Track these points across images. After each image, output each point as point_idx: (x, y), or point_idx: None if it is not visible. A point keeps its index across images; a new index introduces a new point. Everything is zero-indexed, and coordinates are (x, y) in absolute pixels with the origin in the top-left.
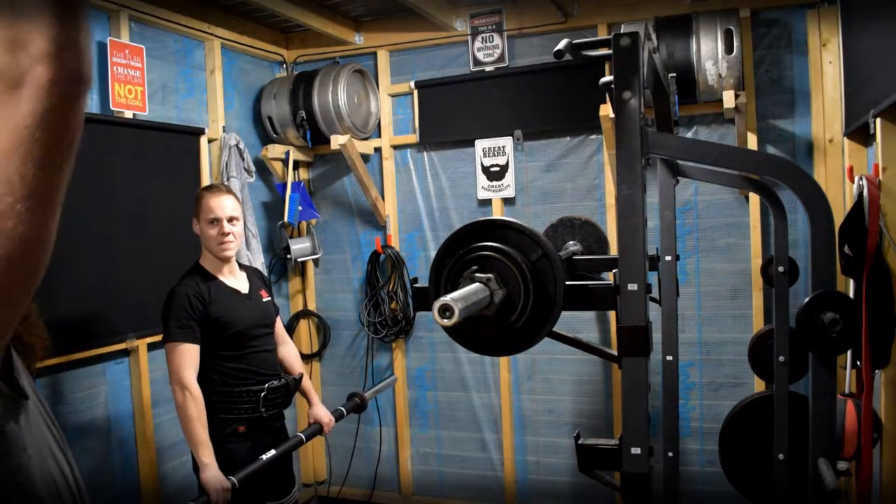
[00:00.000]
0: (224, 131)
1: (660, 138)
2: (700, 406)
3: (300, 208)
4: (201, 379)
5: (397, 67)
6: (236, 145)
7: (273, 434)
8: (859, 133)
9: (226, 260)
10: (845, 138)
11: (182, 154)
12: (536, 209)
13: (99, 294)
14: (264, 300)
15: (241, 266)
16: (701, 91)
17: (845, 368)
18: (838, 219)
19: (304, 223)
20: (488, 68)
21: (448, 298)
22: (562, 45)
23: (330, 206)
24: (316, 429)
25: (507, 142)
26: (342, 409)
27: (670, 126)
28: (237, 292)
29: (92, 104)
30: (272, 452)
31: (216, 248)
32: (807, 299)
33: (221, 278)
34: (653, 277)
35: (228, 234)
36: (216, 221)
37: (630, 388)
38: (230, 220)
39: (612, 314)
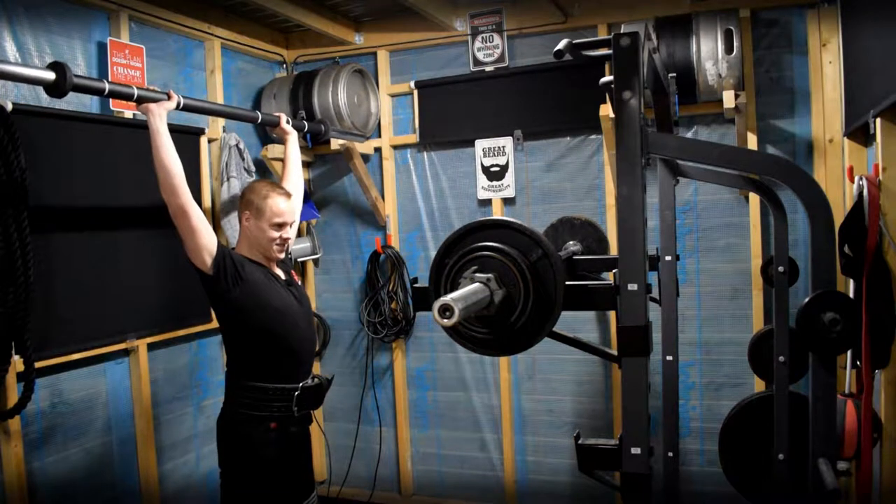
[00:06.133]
0: (224, 131)
1: (660, 138)
2: (700, 406)
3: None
4: (234, 374)
5: (397, 67)
6: (236, 145)
7: (303, 435)
8: (859, 133)
9: (273, 260)
10: (845, 138)
11: (182, 154)
12: (536, 209)
13: (99, 294)
14: (299, 283)
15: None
16: (701, 91)
17: (845, 368)
18: (838, 219)
19: (304, 223)
20: (488, 68)
21: (448, 298)
22: (562, 45)
23: (330, 206)
24: (274, 119)
25: (507, 142)
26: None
27: (670, 126)
28: (278, 277)
29: (92, 104)
30: None
31: (273, 248)
32: (807, 299)
33: (264, 264)
34: (653, 277)
35: (288, 238)
36: (282, 226)
37: (630, 388)
38: (291, 224)
39: (612, 314)
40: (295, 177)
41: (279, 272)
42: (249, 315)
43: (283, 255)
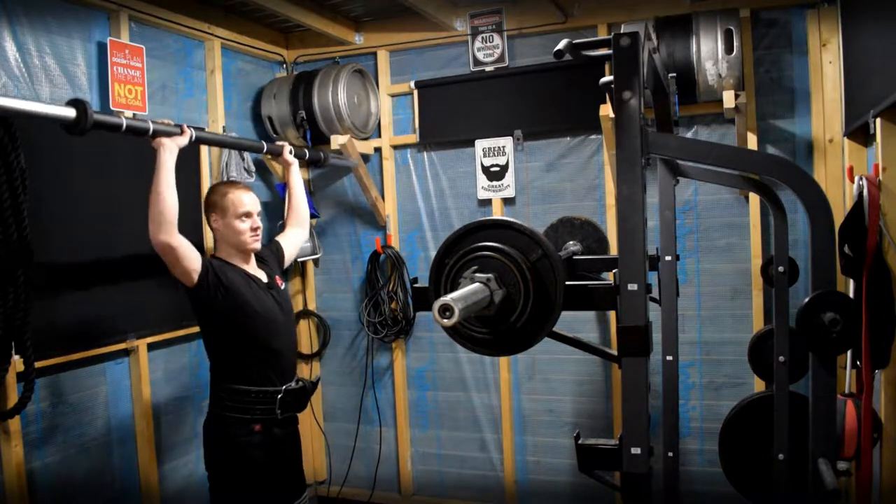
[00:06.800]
0: (224, 131)
1: (660, 138)
2: (700, 406)
3: None
4: (217, 378)
5: (397, 67)
6: None
7: (289, 436)
8: (859, 133)
9: (250, 252)
10: (845, 138)
11: (182, 154)
12: (536, 209)
13: (99, 294)
14: (282, 288)
15: (257, 258)
16: (701, 91)
17: (845, 368)
18: (838, 219)
19: None
20: (488, 68)
21: (448, 298)
22: (562, 45)
23: (330, 206)
24: (277, 149)
25: (507, 142)
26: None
27: (670, 126)
28: (258, 280)
29: (92, 103)
30: None
31: (247, 240)
32: (807, 299)
33: (243, 267)
34: (653, 277)
35: (258, 227)
36: (248, 215)
37: (630, 388)
38: (258, 214)
39: (612, 314)
40: (299, 206)
41: (261, 275)
42: (230, 319)
43: (258, 245)
